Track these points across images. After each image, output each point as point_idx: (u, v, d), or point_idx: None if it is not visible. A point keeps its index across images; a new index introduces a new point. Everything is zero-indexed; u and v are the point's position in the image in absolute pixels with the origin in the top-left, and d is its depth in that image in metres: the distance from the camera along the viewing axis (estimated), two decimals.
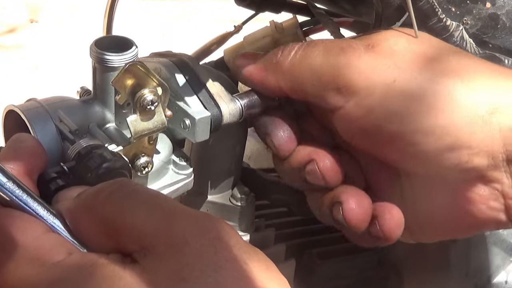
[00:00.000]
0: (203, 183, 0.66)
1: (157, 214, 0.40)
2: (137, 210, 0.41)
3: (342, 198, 0.56)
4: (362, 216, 0.55)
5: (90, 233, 0.42)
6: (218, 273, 0.38)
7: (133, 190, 0.42)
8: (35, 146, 0.48)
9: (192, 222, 0.40)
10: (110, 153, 0.50)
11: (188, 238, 0.39)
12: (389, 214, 0.56)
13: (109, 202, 0.41)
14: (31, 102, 0.55)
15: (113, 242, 0.41)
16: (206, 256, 0.39)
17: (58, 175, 0.47)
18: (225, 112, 0.58)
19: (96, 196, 0.42)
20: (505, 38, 0.62)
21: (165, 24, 3.49)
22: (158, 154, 0.57)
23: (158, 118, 0.53)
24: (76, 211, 0.42)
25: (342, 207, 0.55)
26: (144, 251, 0.39)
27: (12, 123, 0.55)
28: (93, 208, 0.42)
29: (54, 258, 0.40)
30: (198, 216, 0.41)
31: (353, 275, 0.76)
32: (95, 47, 0.54)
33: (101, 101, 0.56)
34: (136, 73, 0.51)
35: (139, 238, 0.40)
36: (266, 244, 0.69)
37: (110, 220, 0.41)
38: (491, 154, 0.51)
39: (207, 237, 0.40)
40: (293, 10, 0.71)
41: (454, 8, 0.61)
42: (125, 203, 0.41)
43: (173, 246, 0.39)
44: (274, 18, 0.70)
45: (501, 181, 0.52)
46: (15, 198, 0.42)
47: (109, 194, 0.41)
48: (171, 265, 0.39)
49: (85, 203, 0.42)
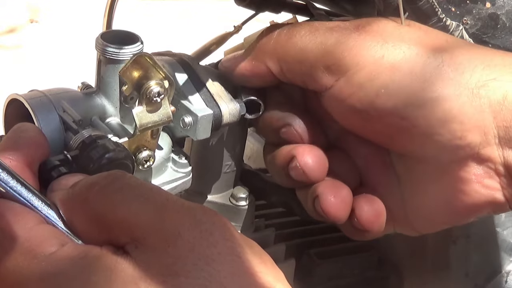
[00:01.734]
0: (203, 183, 0.66)
1: (149, 207, 0.40)
2: (129, 203, 0.40)
3: (319, 191, 0.56)
4: (340, 208, 0.56)
5: (83, 226, 0.42)
6: (211, 266, 0.38)
7: (126, 184, 0.41)
8: (37, 136, 0.47)
9: (185, 214, 0.40)
10: (113, 144, 0.50)
11: (180, 230, 0.39)
12: (368, 205, 0.57)
13: (102, 196, 0.41)
14: (34, 92, 0.55)
15: (105, 234, 0.41)
16: (199, 249, 0.38)
17: (61, 163, 0.47)
18: (225, 112, 0.58)
19: (90, 189, 0.42)
20: (505, 38, 0.62)
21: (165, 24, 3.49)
22: (160, 149, 0.57)
23: (164, 111, 0.53)
24: (69, 203, 0.42)
25: (320, 199, 0.56)
26: (135, 243, 0.39)
27: (13, 113, 0.55)
28: (86, 201, 0.41)
29: (46, 250, 0.40)
30: (191, 208, 0.41)
31: (353, 275, 0.76)
32: (101, 39, 0.54)
33: (104, 94, 0.56)
34: (143, 65, 0.51)
35: (130, 230, 0.39)
36: (266, 244, 0.69)
37: (102, 213, 0.41)
38: (483, 130, 0.51)
39: (200, 230, 0.39)
40: (293, 10, 0.71)
41: (454, 8, 0.61)
42: (117, 196, 0.41)
43: (165, 239, 0.39)
44: (274, 18, 0.70)
45: (494, 159, 0.52)
46: (9, 188, 0.42)
47: (102, 188, 0.41)
48: (163, 258, 0.38)
49: (79, 196, 0.42)
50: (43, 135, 0.48)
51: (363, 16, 0.67)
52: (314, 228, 0.76)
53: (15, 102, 0.54)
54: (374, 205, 0.57)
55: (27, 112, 0.53)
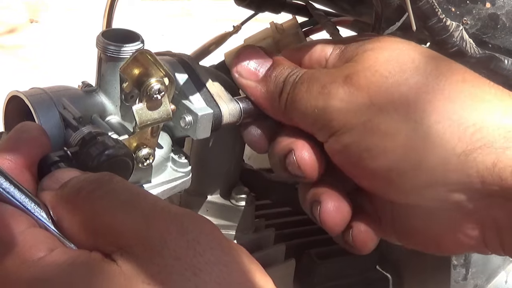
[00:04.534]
0: (203, 183, 0.66)
1: (135, 214, 0.40)
2: (114, 210, 0.40)
3: (322, 198, 0.57)
4: (338, 221, 0.56)
5: (72, 230, 0.41)
6: (197, 276, 0.38)
7: (112, 190, 0.41)
8: (39, 136, 0.46)
9: (172, 222, 0.39)
10: (113, 141, 0.50)
11: (166, 239, 0.38)
12: (365, 227, 0.57)
13: (88, 202, 0.41)
14: (35, 89, 0.55)
15: (92, 241, 0.40)
16: (185, 258, 0.38)
17: (60, 159, 0.46)
18: (225, 112, 0.58)
19: (77, 194, 0.41)
20: (505, 38, 0.62)
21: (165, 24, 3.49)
22: (160, 148, 0.57)
23: (164, 109, 0.53)
24: (58, 207, 0.42)
25: (321, 207, 0.56)
26: (121, 251, 0.39)
27: (13, 110, 0.55)
28: (74, 207, 0.41)
29: (35, 255, 0.39)
30: (179, 215, 0.40)
31: (353, 275, 0.76)
32: (102, 37, 0.55)
33: (105, 92, 0.56)
34: (144, 62, 0.51)
35: (116, 238, 0.39)
36: (266, 244, 0.69)
37: (89, 219, 0.40)
38: (468, 190, 0.50)
39: (187, 238, 0.39)
40: (292, 10, 0.71)
41: (454, 8, 0.61)
42: (103, 203, 0.40)
43: (151, 248, 0.38)
44: (274, 18, 0.70)
45: (480, 212, 0.52)
46: (2, 190, 0.41)
47: (88, 193, 0.41)
48: (149, 268, 0.38)
49: (67, 200, 0.42)
50: (45, 134, 0.47)
51: (363, 16, 0.67)
52: (314, 228, 0.76)
53: (15, 99, 0.54)
54: (370, 228, 0.58)
55: (27, 109, 0.53)
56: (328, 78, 0.56)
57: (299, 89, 0.56)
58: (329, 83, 0.55)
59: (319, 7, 0.69)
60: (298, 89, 0.57)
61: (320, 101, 0.55)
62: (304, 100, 0.56)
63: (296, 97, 0.56)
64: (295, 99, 0.57)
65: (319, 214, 0.56)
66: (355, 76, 0.54)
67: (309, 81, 0.56)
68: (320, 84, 0.56)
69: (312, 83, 0.56)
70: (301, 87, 0.56)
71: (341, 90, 0.54)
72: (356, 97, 0.53)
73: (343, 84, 0.54)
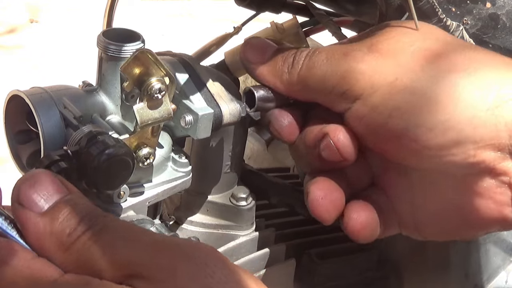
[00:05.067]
0: (203, 183, 0.66)
1: (139, 246, 0.40)
2: (116, 245, 0.40)
3: (310, 188, 0.57)
4: (328, 209, 0.56)
5: (67, 268, 0.41)
6: None
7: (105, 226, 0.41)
8: None
9: (176, 250, 0.41)
10: (114, 140, 0.50)
11: (176, 263, 0.40)
12: (356, 214, 0.57)
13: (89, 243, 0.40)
14: (35, 88, 0.55)
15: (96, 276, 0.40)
16: (198, 279, 0.39)
17: (60, 158, 0.47)
18: (225, 112, 0.58)
19: (70, 236, 0.41)
20: (505, 38, 0.62)
21: (165, 24, 3.49)
22: (160, 148, 0.57)
23: (165, 108, 0.53)
24: (46, 242, 0.41)
25: (309, 196, 0.57)
26: (132, 277, 0.39)
27: (13, 110, 0.55)
28: (68, 248, 0.41)
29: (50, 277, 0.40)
30: (180, 244, 0.41)
31: (353, 275, 0.76)
32: (103, 37, 0.55)
33: (105, 92, 0.56)
34: (145, 61, 0.51)
35: (127, 269, 0.39)
36: (266, 244, 0.69)
37: (88, 258, 0.40)
38: (497, 146, 0.51)
39: (195, 262, 0.40)
40: (293, 10, 0.71)
41: (454, 8, 0.61)
42: (105, 241, 0.40)
43: (165, 271, 0.39)
44: (274, 18, 0.70)
45: (509, 173, 0.52)
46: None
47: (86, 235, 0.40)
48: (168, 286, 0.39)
49: (58, 242, 0.41)
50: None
51: (364, 16, 0.67)
52: (314, 228, 0.76)
53: (15, 99, 0.54)
54: (362, 215, 0.57)
55: (28, 109, 0.53)
56: (351, 47, 0.56)
57: (317, 57, 0.57)
58: (352, 51, 0.56)
59: (320, 7, 0.69)
60: (316, 57, 0.57)
61: (343, 65, 0.55)
62: (324, 66, 0.56)
63: (314, 64, 0.56)
64: (312, 66, 0.56)
65: (308, 203, 0.57)
66: (379, 44, 0.55)
67: (328, 51, 0.57)
68: (342, 51, 0.56)
69: (333, 52, 0.56)
70: (319, 55, 0.57)
71: (366, 56, 0.55)
72: (382, 60, 0.54)
73: (367, 51, 0.55)
